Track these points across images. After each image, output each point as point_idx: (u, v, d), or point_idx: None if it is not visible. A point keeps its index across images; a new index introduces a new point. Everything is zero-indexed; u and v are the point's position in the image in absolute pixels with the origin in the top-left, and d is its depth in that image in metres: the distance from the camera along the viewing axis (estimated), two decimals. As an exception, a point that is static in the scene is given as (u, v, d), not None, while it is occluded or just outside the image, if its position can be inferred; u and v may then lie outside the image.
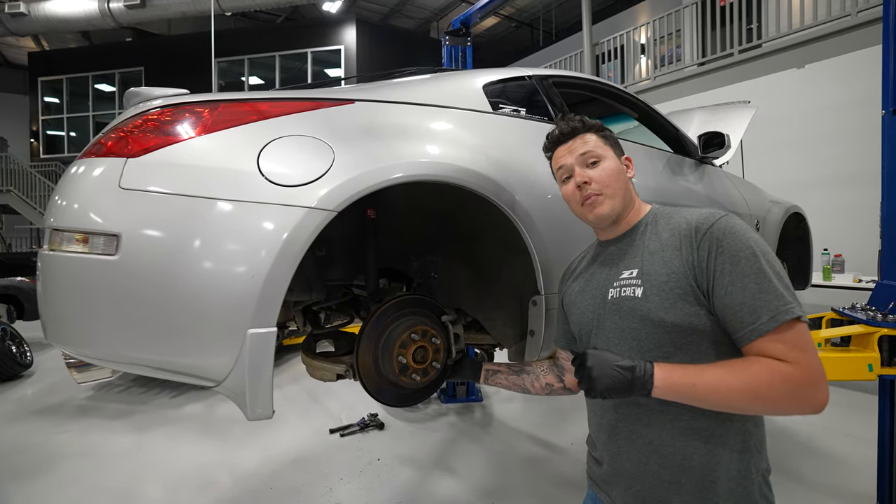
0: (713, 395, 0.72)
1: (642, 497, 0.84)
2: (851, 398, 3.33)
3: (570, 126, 0.94)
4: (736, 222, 0.78)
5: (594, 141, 0.92)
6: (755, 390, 0.70)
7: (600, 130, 0.95)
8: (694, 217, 0.82)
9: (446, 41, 3.55)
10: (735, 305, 0.74)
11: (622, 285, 0.86)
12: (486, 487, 2.32)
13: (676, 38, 6.72)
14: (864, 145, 4.40)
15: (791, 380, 0.69)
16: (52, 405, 3.53)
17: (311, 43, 11.31)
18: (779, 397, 0.70)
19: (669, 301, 0.78)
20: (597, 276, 0.93)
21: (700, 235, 0.78)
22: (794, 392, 0.70)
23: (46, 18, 10.37)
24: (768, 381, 0.69)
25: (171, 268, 0.86)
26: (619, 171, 0.91)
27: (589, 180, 0.90)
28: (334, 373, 1.21)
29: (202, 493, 2.29)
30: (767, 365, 0.70)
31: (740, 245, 0.75)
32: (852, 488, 2.22)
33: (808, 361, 0.70)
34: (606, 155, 0.91)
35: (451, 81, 1.43)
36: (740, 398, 0.71)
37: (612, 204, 0.89)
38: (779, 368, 0.70)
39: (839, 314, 2.02)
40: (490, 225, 1.29)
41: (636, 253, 0.87)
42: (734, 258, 0.75)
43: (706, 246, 0.77)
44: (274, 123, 1.01)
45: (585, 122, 0.95)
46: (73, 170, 0.99)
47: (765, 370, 0.70)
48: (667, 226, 0.86)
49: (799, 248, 3.19)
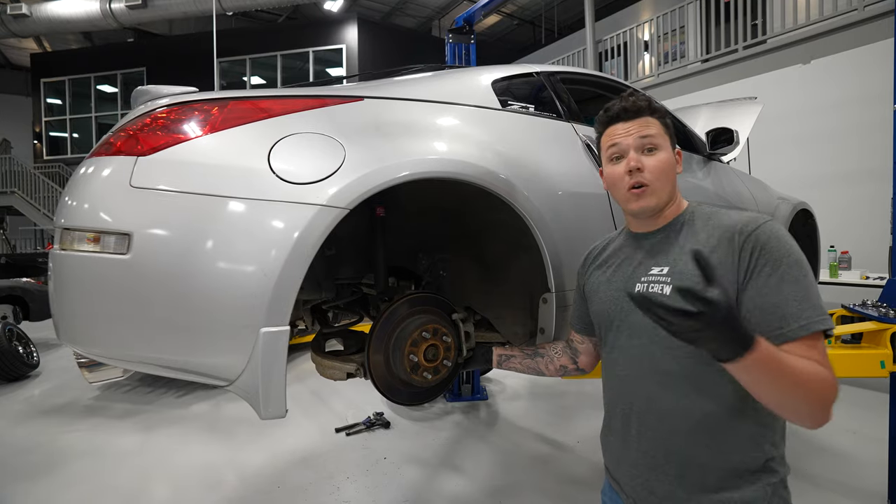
0: (791, 378, 0.66)
1: (649, 488, 0.85)
2: (860, 396, 3.31)
3: (636, 104, 0.87)
4: (780, 228, 0.77)
5: (656, 126, 0.87)
6: (808, 385, 0.67)
7: (664, 117, 0.89)
8: (737, 220, 0.80)
9: (450, 39, 3.53)
10: (767, 307, 0.73)
11: (650, 281, 0.84)
12: (493, 485, 2.32)
13: (680, 34, 6.68)
14: (871, 141, 4.37)
15: (826, 383, 0.69)
16: (59, 405, 3.54)
17: (312, 42, 11.30)
18: (813, 398, 0.68)
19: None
20: (624, 267, 0.91)
21: (743, 238, 0.77)
22: (824, 396, 0.69)
23: (48, 19, 10.39)
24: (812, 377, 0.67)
25: (182, 266, 0.86)
26: (671, 164, 0.87)
27: (643, 167, 0.85)
28: (345, 371, 1.21)
29: (209, 493, 2.29)
30: (810, 365, 0.69)
31: (784, 250, 0.74)
32: (863, 486, 2.20)
33: (831, 374, 0.70)
34: (665, 145, 0.86)
35: (459, 78, 1.42)
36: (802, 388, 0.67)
37: (658, 198, 0.86)
38: (818, 370, 0.69)
39: (850, 311, 2.01)
40: (500, 222, 1.28)
41: (669, 250, 0.85)
42: (777, 262, 0.74)
43: (749, 248, 0.76)
44: (283, 121, 1.00)
45: (652, 104, 0.88)
46: (82, 169, 0.98)
47: (811, 368, 0.68)
48: (705, 226, 0.84)
49: (806, 245, 3.16)
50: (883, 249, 3.37)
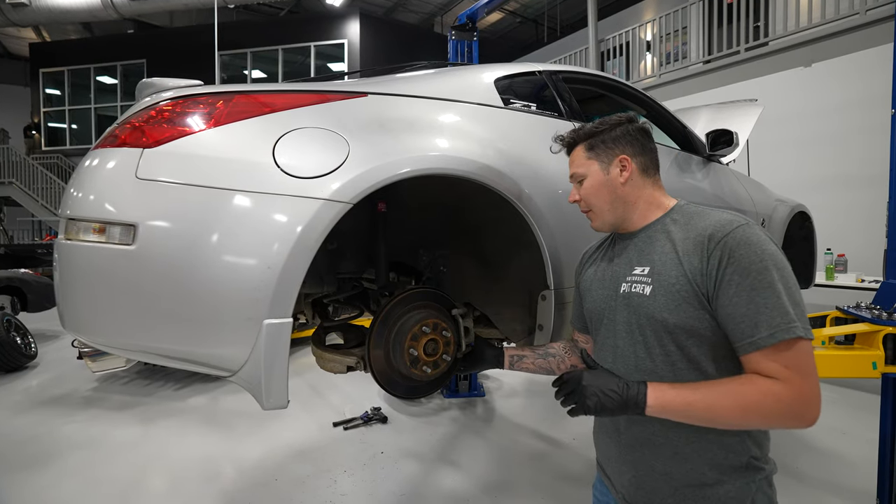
0: (706, 414, 0.74)
1: (636, 483, 0.88)
2: (850, 397, 3.35)
3: (563, 144, 0.98)
4: (753, 233, 0.77)
5: (580, 158, 0.95)
6: (746, 410, 0.72)
7: (587, 138, 0.94)
8: (711, 223, 0.80)
9: (452, 36, 3.53)
10: (737, 316, 0.74)
11: (633, 281, 0.87)
12: (489, 481, 2.34)
13: (682, 35, 6.68)
14: (869, 145, 4.39)
15: (782, 399, 0.71)
16: (57, 396, 3.55)
17: (314, 37, 11.24)
18: (770, 416, 0.72)
19: (674, 303, 0.80)
20: (612, 266, 0.94)
21: (713, 244, 0.77)
22: (785, 411, 0.71)
23: (48, 9, 10.31)
24: (759, 401, 0.71)
25: (187, 258, 0.87)
26: (601, 184, 0.92)
27: (578, 199, 0.96)
28: (345, 365, 1.22)
29: (207, 485, 2.31)
30: (759, 385, 0.72)
31: (753, 258, 0.74)
32: (852, 485, 2.23)
33: (802, 381, 0.70)
34: (589, 171, 0.93)
35: (462, 76, 1.43)
36: (732, 417, 0.73)
37: (600, 219, 0.94)
38: (770, 388, 0.71)
39: (844, 312, 2.03)
40: (500, 219, 1.30)
41: (651, 250, 0.87)
42: (745, 270, 0.74)
43: (717, 255, 0.76)
44: (289, 115, 1.01)
45: (573, 137, 0.96)
46: (88, 161, 0.99)
47: (756, 390, 0.71)
48: (684, 227, 0.85)
49: (803, 248, 3.19)
50: (879, 253, 3.40)
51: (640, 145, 0.93)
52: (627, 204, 0.91)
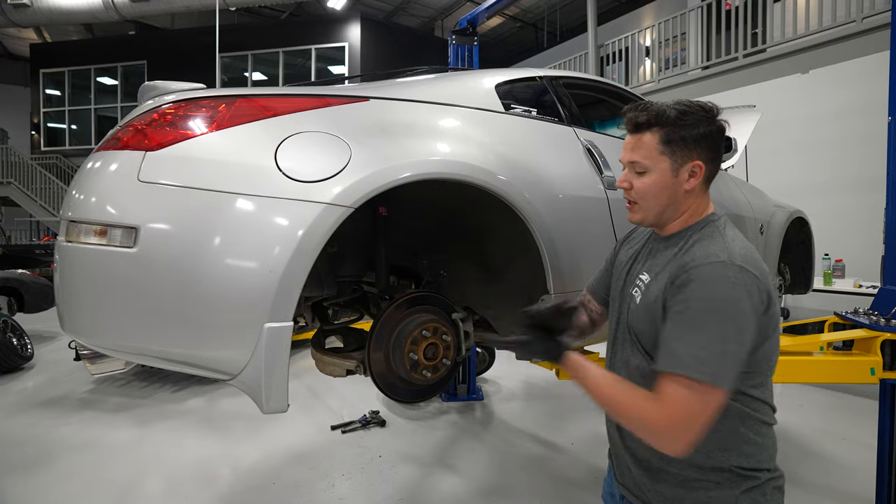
0: (591, 392, 0.83)
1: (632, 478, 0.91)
2: (850, 403, 3.35)
3: (635, 120, 0.85)
4: (717, 274, 0.74)
5: (649, 147, 0.83)
6: (613, 407, 0.80)
7: (666, 126, 0.82)
8: (698, 253, 0.79)
9: (453, 40, 3.55)
10: (665, 337, 0.78)
11: (636, 285, 0.90)
12: (487, 485, 2.33)
13: (681, 41, 6.73)
14: (866, 151, 4.42)
15: (642, 416, 0.76)
16: (53, 398, 3.52)
17: (315, 39, 11.28)
18: (629, 423, 0.79)
19: (647, 318, 0.84)
20: (637, 262, 0.95)
21: (683, 271, 0.78)
22: (641, 426, 0.77)
23: (49, 10, 10.33)
24: (627, 407, 0.78)
25: (189, 261, 0.87)
26: (663, 186, 0.84)
27: (630, 186, 0.88)
28: (344, 368, 1.22)
29: (204, 488, 2.30)
30: (638, 397, 0.77)
31: (702, 295, 0.74)
32: (851, 491, 2.23)
33: (672, 412, 0.73)
34: (656, 167, 0.83)
35: (463, 80, 1.44)
36: (604, 405, 0.82)
37: (643, 215, 0.88)
38: (640, 403, 0.76)
39: (842, 318, 2.03)
40: (500, 223, 1.30)
41: (662, 260, 0.87)
42: (685, 303, 0.75)
43: (678, 283, 0.78)
44: (291, 119, 1.02)
45: (651, 118, 0.83)
46: (90, 163, 0.99)
47: (631, 398, 0.78)
48: (692, 246, 0.83)
49: (801, 253, 3.20)
50: (876, 258, 3.41)
51: (715, 151, 0.85)
52: (677, 211, 0.86)
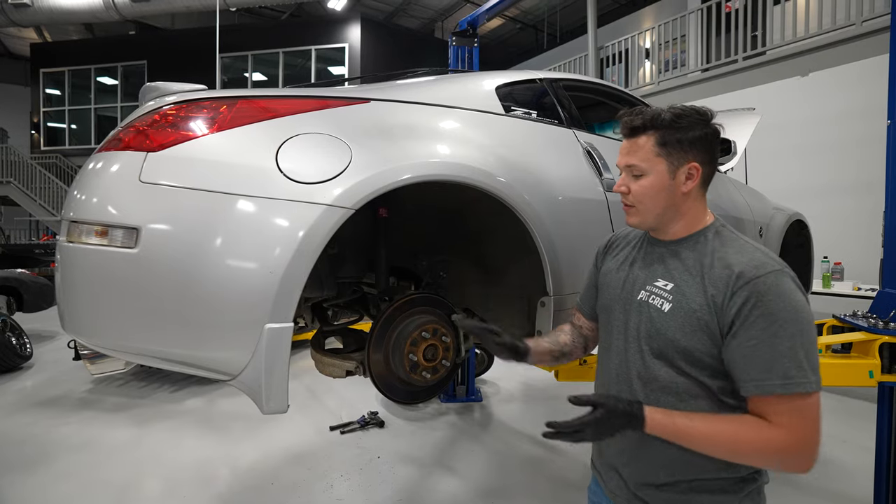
0: (702, 445, 0.76)
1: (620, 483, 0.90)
2: (849, 405, 3.36)
3: (630, 124, 0.86)
4: (785, 281, 0.74)
5: (646, 150, 0.84)
6: (737, 449, 0.75)
7: (662, 129, 0.83)
8: (744, 260, 0.78)
9: (453, 42, 3.55)
10: (753, 358, 0.73)
11: (653, 293, 0.85)
12: (486, 487, 2.33)
13: (681, 43, 6.74)
14: (865, 154, 4.43)
15: (777, 447, 0.73)
16: (51, 397, 3.52)
17: (315, 40, 11.30)
18: (760, 459, 0.75)
19: (690, 328, 0.79)
20: (635, 268, 0.91)
21: (741, 282, 0.75)
22: (777, 457, 0.74)
23: (50, 10, 10.33)
24: (751, 442, 0.73)
25: (190, 262, 0.87)
26: (660, 188, 0.83)
27: (627, 190, 0.87)
28: (344, 369, 1.22)
29: (203, 488, 2.30)
30: (758, 429, 0.73)
31: (783, 306, 0.73)
32: (849, 493, 2.24)
33: (803, 432, 0.72)
34: (653, 169, 0.83)
35: (463, 82, 1.45)
36: (723, 452, 0.76)
37: (642, 218, 0.87)
38: (766, 435, 0.73)
39: (840, 321, 2.04)
40: (500, 225, 1.30)
41: (678, 266, 0.84)
42: (772, 316, 0.73)
43: (744, 294, 0.74)
44: (292, 121, 1.02)
45: (646, 121, 0.84)
46: (91, 164, 0.99)
47: (752, 433, 0.73)
48: (717, 253, 0.82)
49: (800, 256, 3.21)
50: (875, 261, 3.42)
51: (711, 153, 0.85)
52: (677, 214, 0.86)
